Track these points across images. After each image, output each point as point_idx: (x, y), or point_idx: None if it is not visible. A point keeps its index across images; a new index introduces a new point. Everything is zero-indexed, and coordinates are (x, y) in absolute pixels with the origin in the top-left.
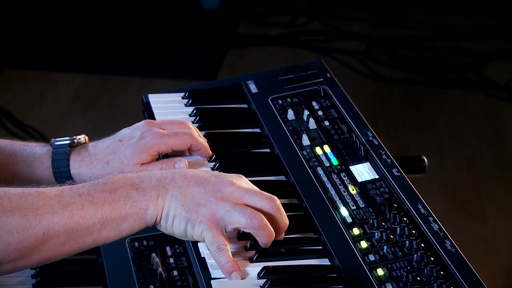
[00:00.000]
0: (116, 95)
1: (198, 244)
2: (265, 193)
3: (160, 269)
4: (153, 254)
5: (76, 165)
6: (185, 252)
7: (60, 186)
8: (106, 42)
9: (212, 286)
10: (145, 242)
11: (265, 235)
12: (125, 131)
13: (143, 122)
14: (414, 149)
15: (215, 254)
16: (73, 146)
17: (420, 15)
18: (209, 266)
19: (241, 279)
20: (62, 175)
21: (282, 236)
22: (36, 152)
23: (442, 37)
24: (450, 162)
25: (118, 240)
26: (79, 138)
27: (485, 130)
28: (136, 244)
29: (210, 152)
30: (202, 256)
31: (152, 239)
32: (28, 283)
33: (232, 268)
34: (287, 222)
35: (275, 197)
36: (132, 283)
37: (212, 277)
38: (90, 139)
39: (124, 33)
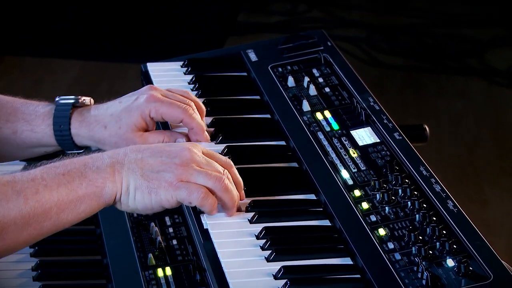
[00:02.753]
0: (115, 82)
1: None
2: (222, 156)
3: (159, 238)
4: (152, 224)
5: (77, 124)
6: (185, 222)
7: (11, 174)
8: (104, 29)
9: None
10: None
11: (230, 198)
12: (127, 94)
13: (146, 86)
14: None
15: (202, 201)
16: (77, 106)
17: (420, 2)
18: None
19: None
20: (62, 133)
21: (243, 194)
22: (39, 110)
23: (443, 24)
24: (451, 147)
25: (116, 211)
26: (84, 99)
27: (486, 116)
28: (135, 214)
29: (205, 135)
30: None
31: None
32: (26, 252)
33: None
34: (240, 182)
35: (230, 162)
36: (131, 252)
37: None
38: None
39: (122, 20)
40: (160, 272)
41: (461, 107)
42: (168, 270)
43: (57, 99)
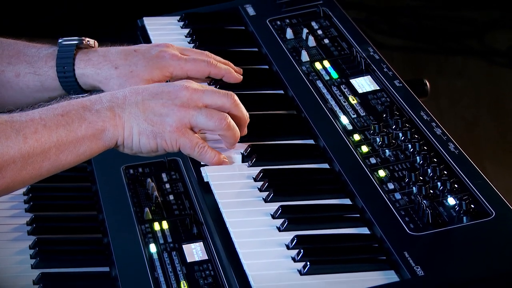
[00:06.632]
0: None
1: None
2: (221, 90)
3: (156, 193)
4: (149, 180)
5: (82, 64)
6: (181, 178)
7: (8, 114)
8: (101, 20)
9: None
10: (140, 169)
11: (232, 135)
12: (142, 45)
13: (163, 43)
14: None
15: (201, 155)
16: (81, 47)
17: None
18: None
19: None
20: (66, 74)
21: (245, 131)
22: (41, 52)
23: (442, 6)
24: (450, 125)
25: (112, 168)
26: (88, 40)
27: (485, 95)
28: (131, 171)
29: (236, 75)
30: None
31: (147, 166)
32: (21, 208)
33: (220, 160)
34: (247, 115)
35: (232, 92)
36: (127, 207)
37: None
38: None
39: (119, 6)
40: (156, 225)
41: (460, 86)
42: (165, 224)
43: (60, 40)
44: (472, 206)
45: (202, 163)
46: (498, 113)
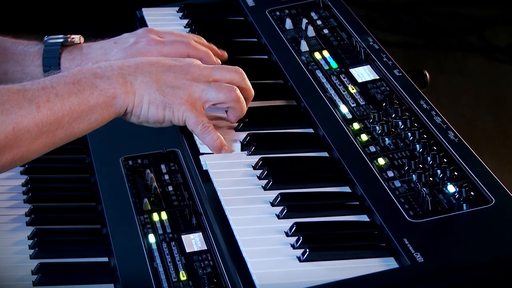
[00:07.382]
0: None
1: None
2: (229, 66)
3: (155, 184)
4: (148, 171)
5: (67, 63)
6: (180, 170)
7: (20, 84)
8: (102, 20)
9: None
10: (139, 161)
11: (240, 108)
12: (122, 35)
13: (142, 29)
14: None
15: (203, 133)
16: (66, 45)
17: None
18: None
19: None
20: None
21: (248, 104)
22: (28, 50)
23: (442, 3)
24: (450, 122)
25: (111, 159)
26: (73, 37)
27: (485, 92)
28: (130, 162)
29: (214, 59)
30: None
31: (146, 158)
32: (19, 199)
33: (222, 144)
34: (252, 90)
35: (239, 68)
36: (126, 198)
37: (201, 152)
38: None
39: (120, 6)
40: (155, 216)
41: (460, 83)
42: (164, 215)
43: (45, 38)
44: (472, 193)
45: (201, 151)
46: (498, 110)
